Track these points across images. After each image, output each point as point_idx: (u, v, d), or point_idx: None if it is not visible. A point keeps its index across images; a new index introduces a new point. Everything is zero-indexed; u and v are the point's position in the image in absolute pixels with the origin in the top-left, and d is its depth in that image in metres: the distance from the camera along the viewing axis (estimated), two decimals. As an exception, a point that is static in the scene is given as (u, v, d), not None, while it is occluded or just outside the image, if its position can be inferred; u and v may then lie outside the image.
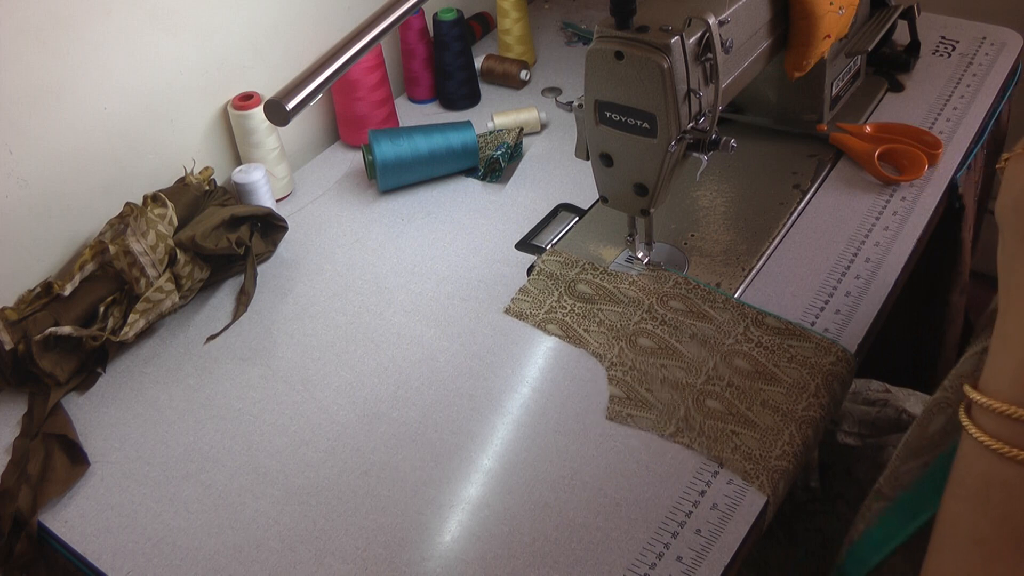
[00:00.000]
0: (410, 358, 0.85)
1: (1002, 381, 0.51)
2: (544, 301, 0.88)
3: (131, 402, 0.84)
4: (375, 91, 1.11)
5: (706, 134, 0.76)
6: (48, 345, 0.83)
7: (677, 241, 0.94)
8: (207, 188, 0.98)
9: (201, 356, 0.88)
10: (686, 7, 0.74)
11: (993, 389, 0.51)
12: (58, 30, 0.85)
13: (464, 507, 0.72)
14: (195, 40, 0.98)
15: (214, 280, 0.96)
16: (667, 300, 0.86)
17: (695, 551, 0.66)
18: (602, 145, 0.81)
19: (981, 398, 0.51)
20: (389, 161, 1.03)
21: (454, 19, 1.15)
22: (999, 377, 0.51)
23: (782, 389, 0.76)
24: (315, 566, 0.69)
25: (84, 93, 0.89)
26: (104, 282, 0.87)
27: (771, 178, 1.00)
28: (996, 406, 0.50)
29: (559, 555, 0.67)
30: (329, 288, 0.94)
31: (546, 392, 0.80)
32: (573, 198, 1.03)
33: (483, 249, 0.97)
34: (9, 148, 0.84)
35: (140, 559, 0.70)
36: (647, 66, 0.72)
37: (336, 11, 1.13)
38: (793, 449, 0.72)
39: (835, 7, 0.90)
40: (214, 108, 1.03)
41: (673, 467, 0.72)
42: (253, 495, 0.74)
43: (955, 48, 1.17)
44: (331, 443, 0.78)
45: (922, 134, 1.00)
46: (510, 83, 1.24)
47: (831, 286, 0.86)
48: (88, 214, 0.94)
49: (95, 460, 0.79)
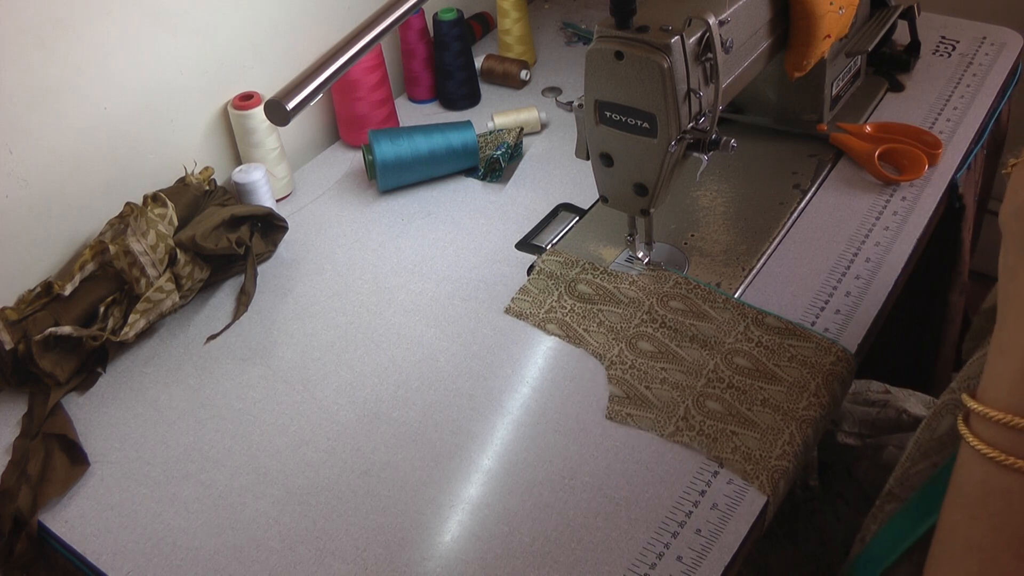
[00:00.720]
0: (410, 358, 0.85)
1: (1000, 389, 0.51)
2: (544, 301, 0.88)
3: (131, 402, 0.84)
4: (375, 91, 1.11)
5: (706, 134, 0.76)
6: (48, 345, 0.83)
7: (677, 241, 0.94)
8: (207, 188, 0.98)
9: (201, 356, 0.88)
10: (686, 7, 0.74)
11: (991, 397, 0.51)
12: (58, 30, 0.85)
13: (464, 507, 0.72)
14: (195, 40, 0.98)
15: (214, 280, 0.96)
16: (667, 300, 0.86)
17: (695, 551, 0.66)
18: (602, 145, 0.81)
19: (978, 407, 0.51)
20: (389, 161, 1.03)
21: (454, 19, 1.15)
22: (997, 385, 0.51)
23: (782, 388, 0.76)
24: (315, 566, 0.69)
25: (84, 93, 0.89)
26: (104, 282, 0.87)
27: (771, 178, 1.00)
28: (993, 414, 0.50)
29: (559, 555, 0.67)
30: (329, 288, 0.94)
31: (546, 392, 0.80)
32: (573, 198, 1.03)
33: (483, 249, 0.97)
34: (9, 148, 0.84)
35: (140, 559, 0.70)
36: (647, 66, 0.72)
37: (336, 11, 1.13)
38: (793, 449, 0.72)
39: (835, 7, 0.90)
40: (214, 108, 1.03)
41: (673, 467, 0.72)
42: (253, 495, 0.74)
43: (955, 48, 1.17)
44: (331, 443, 0.78)
45: (922, 134, 1.00)
46: (510, 83, 1.24)
47: (831, 286, 0.86)
48: (88, 214, 0.94)
49: (95, 460, 0.79)
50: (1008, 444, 0.50)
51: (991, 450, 0.50)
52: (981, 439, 0.51)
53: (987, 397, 0.51)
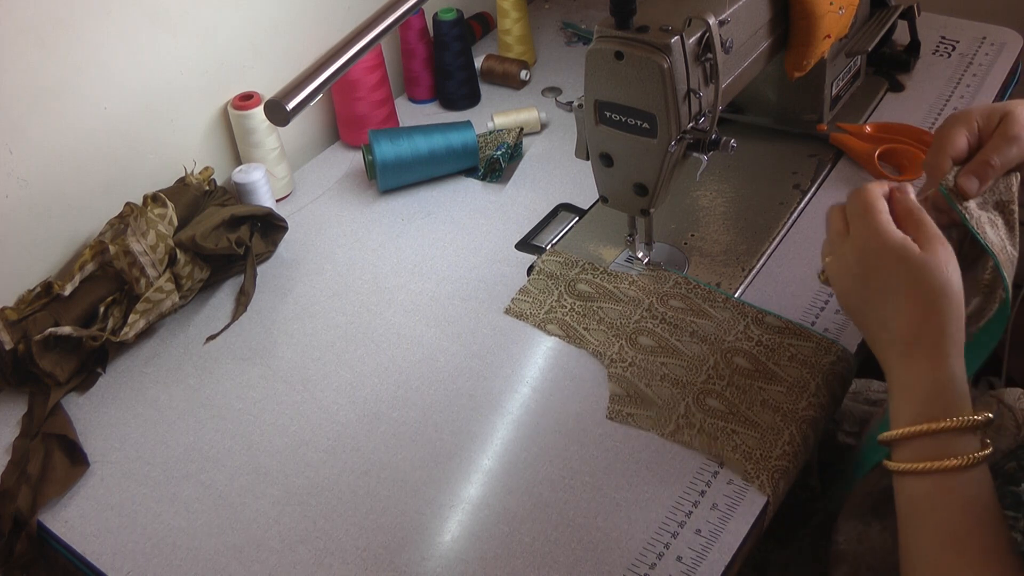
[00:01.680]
0: (410, 358, 0.85)
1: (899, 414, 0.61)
2: (544, 301, 0.88)
3: (131, 402, 0.84)
4: (375, 91, 1.11)
5: (706, 134, 0.76)
6: (48, 345, 0.83)
7: (677, 241, 0.94)
8: (207, 188, 0.98)
9: (201, 356, 0.88)
10: (686, 7, 0.74)
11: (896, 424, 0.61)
12: (58, 30, 0.85)
13: (464, 507, 0.72)
14: (195, 40, 0.98)
15: (214, 280, 0.96)
16: (667, 300, 0.86)
17: (695, 551, 0.66)
18: (602, 145, 0.81)
19: (888, 434, 0.61)
20: (389, 161, 1.03)
21: (454, 19, 1.16)
22: (895, 415, 0.62)
23: (782, 388, 0.76)
24: (315, 566, 0.69)
25: (84, 93, 0.89)
26: (104, 282, 0.87)
27: (771, 178, 1.00)
28: (896, 433, 0.60)
29: (559, 555, 0.67)
30: (329, 288, 0.94)
31: (546, 392, 0.80)
32: (573, 198, 1.03)
33: (483, 249, 0.97)
34: (9, 148, 0.84)
35: (140, 559, 0.70)
36: (647, 66, 0.72)
37: (336, 11, 1.13)
38: (793, 449, 0.72)
39: (835, 7, 0.90)
40: (214, 108, 1.03)
41: (673, 467, 0.72)
42: (253, 495, 0.74)
43: (955, 48, 1.17)
44: (331, 443, 0.78)
45: (922, 134, 1.00)
46: (510, 83, 1.24)
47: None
48: (88, 214, 0.94)
49: (95, 460, 0.79)
50: (912, 455, 0.59)
51: (907, 464, 0.59)
52: (898, 462, 0.60)
53: (896, 425, 0.61)
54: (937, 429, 0.58)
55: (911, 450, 0.59)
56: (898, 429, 0.60)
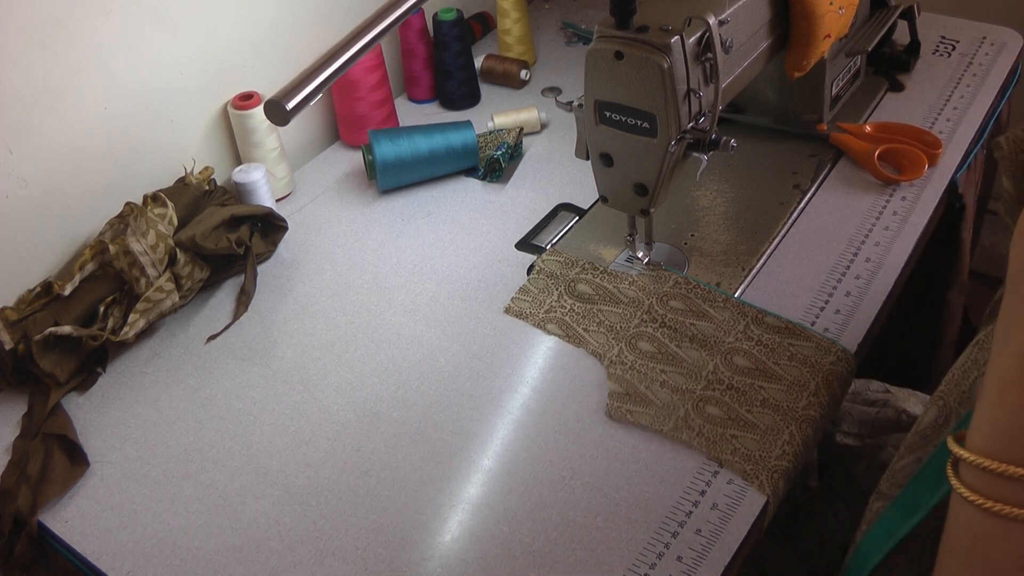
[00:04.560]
0: (410, 358, 0.85)
1: (983, 435, 0.51)
2: (544, 301, 0.88)
3: (131, 402, 0.84)
4: (375, 91, 1.11)
5: (706, 134, 0.76)
6: (48, 345, 0.83)
7: (677, 241, 0.94)
8: (207, 188, 0.98)
9: (201, 356, 0.88)
10: (686, 7, 0.74)
11: (976, 443, 0.51)
12: (58, 30, 0.85)
13: (464, 507, 0.72)
14: (195, 40, 0.98)
15: (214, 280, 0.96)
16: (667, 300, 0.86)
17: (695, 551, 0.66)
18: (602, 145, 0.81)
19: (964, 453, 0.51)
20: (389, 161, 1.03)
21: (454, 19, 1.15)
22: (979, 431, 0.51)
23: (782, 387, 0.76)
24: (315, 566, 0.69)
25: (84, 93, 0.89)
26: (104, 282, 0.87)
27: (771, 178, 1.00)
28: (974, 460, 0.51)
29: (559, 555, 0.67)
30: (329, 288, 0.94)
31: (546, 392, 0.80)
32: (573, 198, 1.03)
33: (483, 249, 0.97)
34: (9, 148, 0.84)
35: (140, 559, 0.70)
36: (647, 66, 0.72)
37: (336, 11, 1.13)
38: (793, 449, 0.72)
39: (835, 7, 0.90)
40: (214, 108, 1.03)
41: (673, 467, 0.72)
42: (253, 495, 0.74)
43: (955, 48, 1.17)
44: (331, 443, 0.78)
45: (922, 134, 1.00)
46: (510, 83, 1.24)
47: (831, 286, 0.86)
48: (88, 214, 0.94)
49: (95, 460, 0.79)
50: (989, 489, 0.50)
51: (976, 496, 0.50)
52: (966, 485, 0.51)
53: (972, 443, 0.51)
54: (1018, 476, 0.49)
55: (988, 484, 0.51)
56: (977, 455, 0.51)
